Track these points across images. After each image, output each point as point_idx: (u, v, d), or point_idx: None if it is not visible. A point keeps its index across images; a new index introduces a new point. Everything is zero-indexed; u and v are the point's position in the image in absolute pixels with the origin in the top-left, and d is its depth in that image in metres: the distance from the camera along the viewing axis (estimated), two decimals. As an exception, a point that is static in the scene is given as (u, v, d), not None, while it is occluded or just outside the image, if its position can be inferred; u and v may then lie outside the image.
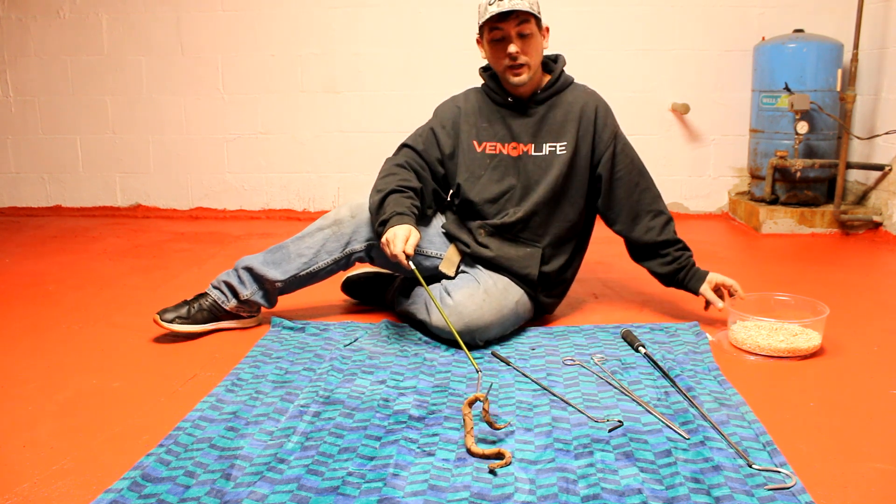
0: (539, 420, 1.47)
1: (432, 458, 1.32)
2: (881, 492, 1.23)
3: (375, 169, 2.05)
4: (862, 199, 3.46)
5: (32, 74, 3.96)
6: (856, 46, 3.19)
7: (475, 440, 1.35)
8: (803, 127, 3.24)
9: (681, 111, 3.68)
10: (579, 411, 1.51)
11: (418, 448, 1.36)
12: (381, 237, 1.82)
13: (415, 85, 3.75)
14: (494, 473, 1.27)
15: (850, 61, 3.22)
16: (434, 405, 1.54)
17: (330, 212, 2.06)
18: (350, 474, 1.27)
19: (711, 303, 2.03)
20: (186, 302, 2.00)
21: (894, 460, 1.32)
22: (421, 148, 2.05)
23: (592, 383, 1.66)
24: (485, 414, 1.37)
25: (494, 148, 2.03)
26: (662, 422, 1.45)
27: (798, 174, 3.30)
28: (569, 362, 1.78)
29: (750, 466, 1.27)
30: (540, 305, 2.07)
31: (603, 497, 1.19)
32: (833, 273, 2.70)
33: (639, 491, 1.20)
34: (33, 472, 1.30)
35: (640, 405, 1.53)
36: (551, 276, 2.05)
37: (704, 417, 1.45)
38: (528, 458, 1.32)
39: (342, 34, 3.76)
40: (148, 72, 3.89)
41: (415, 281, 2.14)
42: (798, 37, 3.35)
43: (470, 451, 1.32)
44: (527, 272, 1.98)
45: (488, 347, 1.89)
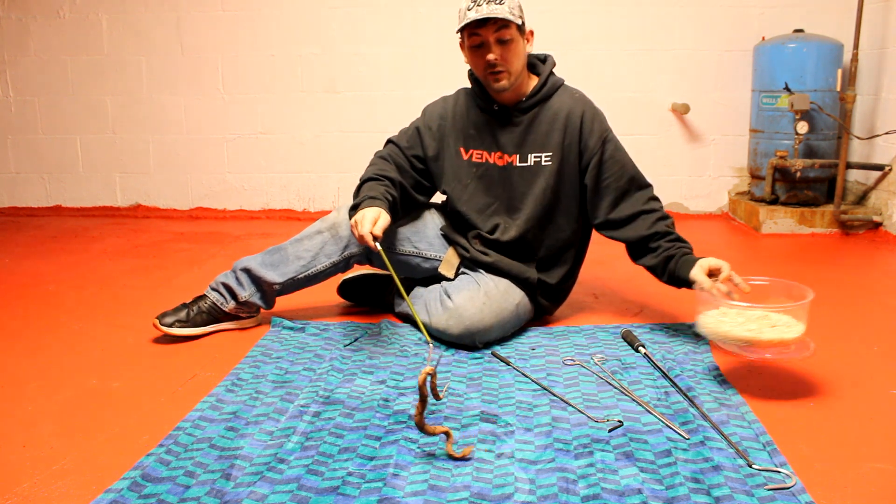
0: (539, 420, 1.47)
1: (433, 458, 1.32)
2: (881, 492, 1.23)
3: (375, 169, 2.06)
4: (862, 199, 3.46)
5: (32, 74, 3.96)
6: (856, 46, 3.19)
7: (425, 418, 1.33)
8: (803, 127, 3.24)
9: (681, 111, 3.68)
10: (579, 411, 1.51)
11: (418, 448, 1.36)
12: (351, 220, 1.81)
13: (415, 85, 3.75)
14: (455, 458, 1.29)
15: (850, 61, 3.22)
16: (434, 405, 1.54)
17: (329, 214, 2.06)
18: (350, 474, 1.27)
19: (704, 287, 1.75)
20: (185, 305, 2.00)
21: (894, 460, 1.32)
22: (405, 145, 2.04)
23: (592, 383, 1.66)
24: (432, 387, 1.33)
25: (481, 157, 2.00)
26: (662, 422, 1.45)
27: (798, 174, 3.30)
28: (569, 362, 1.78)
29: (750, 466, 1.27)
30: (540, 306, 2.07)
31: (603, 497, 1.19)
32: (833, 273, 2.70)
33: (639, 491, 1.20)
34: (33, 472, 1.30)
35: (640, 405, 1.53)
36: (552, 285, 2.04)
37: (704, 417, 1.45)
38: (528, 458, 1.32)
39: (342, 34, 3.76)
40: (148, 72, 3.89)
41: (414, 282, 2.14)
42: (798, 37, 3.35)
43: (419, 427, 1.31)
44: (526, 276, 1.98)
45: (489, 348, 1.89)
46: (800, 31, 3.40)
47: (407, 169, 2.03)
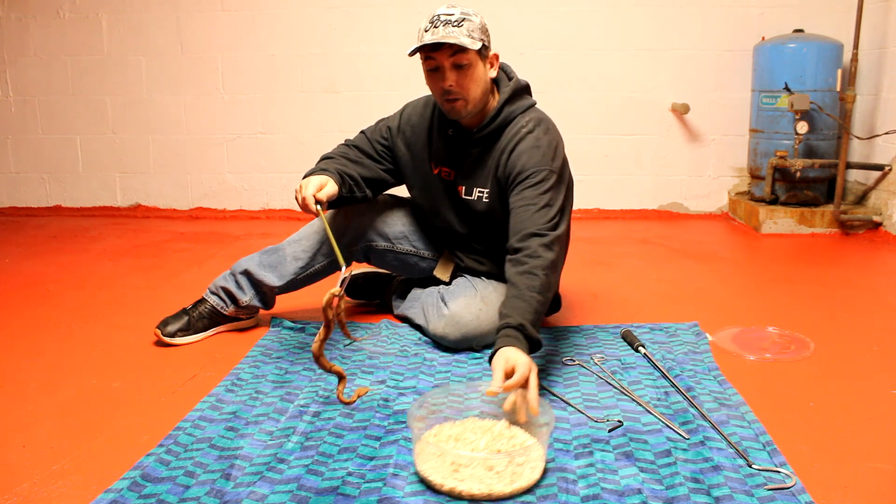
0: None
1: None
2: (881, 492, 1.23)
3: (375, 169, 2.05)
4: (862, 199, 3.46)
5: (32, 74, 3.95)
6: (856, 46, 3.19)
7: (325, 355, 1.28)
8: (803, 127, 3.24)
9: (681, 111, 3.68)
10: (579, 411, 1.51)
11: (418, 448, 1.36)
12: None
13: (415, 85, 3.72)
14: (344, 403, 1.24)
15: (850, 61, 3.22)
16: (434, 405, 1.54)
17: (326, 213, 2.05)
18: (350, 474, 1.27)
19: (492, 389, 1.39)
20: (185, 311, 1.99)
21: (894, 460, 1.32)
22: (375, 138, 2.00)
23: (592, 383, 1.66)
24: (339, 312, 1.23)
25: (449, 175, 1.92)
26: (662, 422, 1.45)
27: (798, 174, 3.30)
28: (569, 362, 1.78)
29: (750, 466, 1.27)
30: None
31: (603, 497, 1.19)
32: (833, 273, 2.70)
33: (639, 491, 1.20)
34: (33, 472, 1.30)
35: (640, 405, 1.53)
36: None
37: (704, 417, 1.45)
38: (528, 458, 1.32)
39: (342, 34, 3.76)
40: (148, 72, 3.89)
41: (412, 282, 2.14)
42: (798, 37, 3.35)
43: (315, 358, 1.26)
44: None
45: (489, 348, 1.89)
46: (800, 31, 3.40)
47: (374, 157, 1.98)
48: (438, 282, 2.04)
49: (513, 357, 1.41)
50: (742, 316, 2.16)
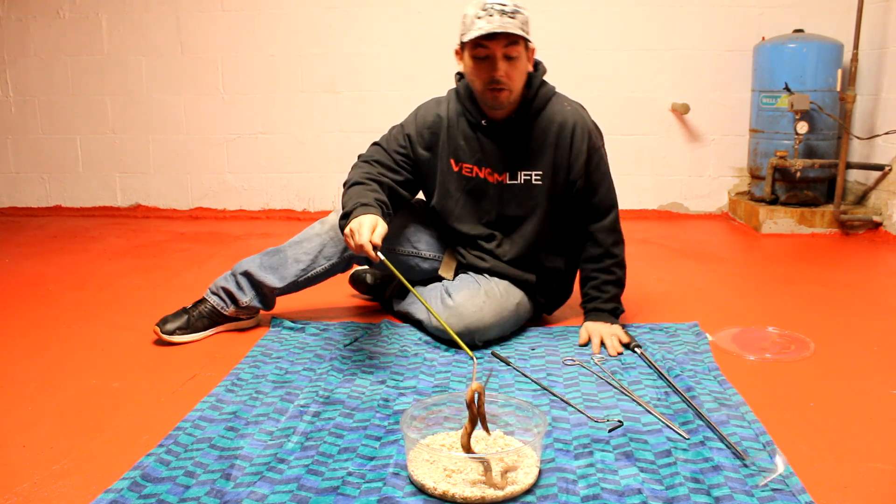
0: (539, 420, 1.47)
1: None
2: (881, 492, 1.23)
3: (375, 169, 2.05)
4: (862, 199, 3.46)
5: (32, 74, 3.96)
6: (856, 46, 3.19)
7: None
8: (803, 127, 3.24)
9: (681, 111, 3.68)
10: (579, 411, 1.51)
11: (418, 448, 1.36)
12: (344, 230, 1.69)
13: (415, 85, 3.75)
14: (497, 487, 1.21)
15: (850, 61, 3.22)
16: (434, 405, 1.54)
17: (328, 215, 2.05)
18: (350, 474, 1.27)
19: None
20: (185, 310, 1.99)
21: (894, 460, 1.32)
22: (393, 148, 1.94)
23: (592, 383, 1.66)
24: (480, 412, 1.26)
25: (471, 171, 1.93)
26: (662, 422, 1.45)
27: (798, 174, 3.30)
28: (569, 362, 1.78)
29: (744, 461, 1.27)
30: (540, 305, 2.07)
31: (603, 497, 1.19)
32: (833, 273, 2.70)
33: (639, 491, 1.20)
34: (33, 472, 1.30)
35: (640, 405, 1.53)
36: (551, 288, 2.05)
37: (701, 416, 1.45)
38: (528, 458, 1.32)
39: (342, 34, 3.76)
40: (148, 72, 3.89)
41: (413, 283, 2.14)
42: (798, 37, 3.35)
43: (465, 449, 1.23)
44: (525, 278, 1.98)
45: (488, 347, 1.89)
46: (800, 31, 3.40)
47: (395, 168, 1.94)
48: (441, 280, 2.04)
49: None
50: (742, 316, 2.16)
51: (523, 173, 1.91)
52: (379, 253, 1.63)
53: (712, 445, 1.34)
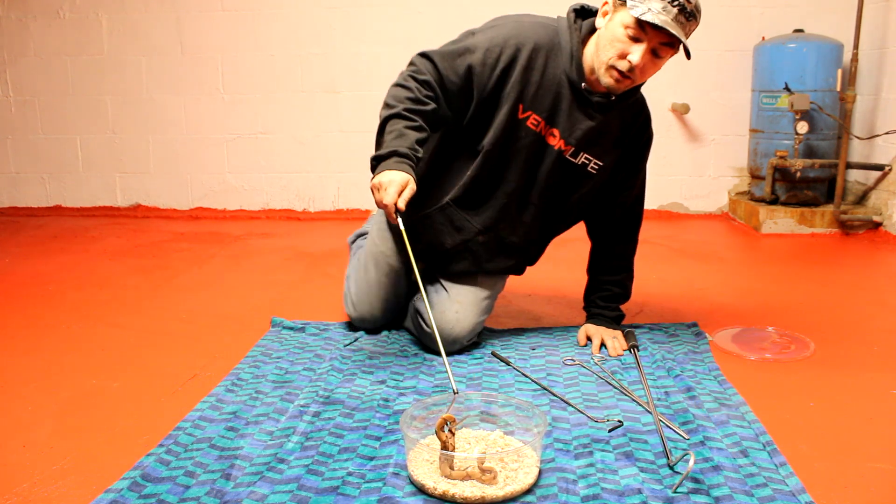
0: (539, 420, 1.47)
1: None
2: (881, 492, 1.23)
3: (375, 169, 2.04)
4: (862, 199, 3.46)
5: (32, 74, 3.96)
6: (856, 46, 3.19)
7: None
8: (803, 127, 3.24)
9: (681, 111, 3.68)
10: (579, 411, 1.51)
11: (418, 448, 1.36)
12: (374, 178, 1.55)
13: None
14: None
15: (850, 61, 3.23)
16: (434, 405, 1.54)
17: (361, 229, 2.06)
18: (350, 474, 1.27)
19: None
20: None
21: (894, 460, 1.32)
22: (449, 77, 1.67)
23: (592, 383, 1.66)
24: (450, 438, 1.24)
25: (538, 124, 1.70)
26: (663, 422, 1.45)
27: (798, 174, 3.30)
28: (569, 362, 1.78)
29: (670, 466, 1.28)
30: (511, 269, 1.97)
31: (603, 497, 1.19)
32: (833, 273, 2.70)
33: (639, 491, 1.20)
34: (33, 472, 1.30)
35: (640, 405, 1.53)
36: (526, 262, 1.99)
37: (659, 415, 1.45)
38: (528, 458, 1.32)
39: (342, 34, 3.76)
40: (148, 72, 3.89)
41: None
42: (798, 37, 3.35)
43: (446, 477, 1.21)
44: (505, 266, 1.92)
45: (487, 347, 1.89)
46: (800, 31, 3.40)
47: (439, 97, 1.68)
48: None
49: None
50: (742, 316, 2.16)
51: (585, 156, 1.74)
52: (400, 220, 1.54)
53: (712, 445, 1.34)
